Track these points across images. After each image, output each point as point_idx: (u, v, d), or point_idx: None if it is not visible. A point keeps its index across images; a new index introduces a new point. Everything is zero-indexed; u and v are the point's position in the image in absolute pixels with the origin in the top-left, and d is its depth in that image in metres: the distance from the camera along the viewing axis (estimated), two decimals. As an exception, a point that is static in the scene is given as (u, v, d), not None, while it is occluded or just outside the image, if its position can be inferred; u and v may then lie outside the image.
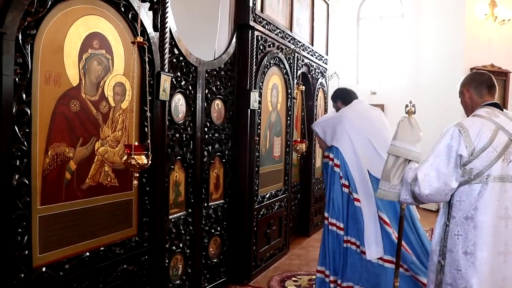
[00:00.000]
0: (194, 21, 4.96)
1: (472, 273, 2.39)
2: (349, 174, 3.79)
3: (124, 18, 2.87)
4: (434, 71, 8.96)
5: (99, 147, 2.74)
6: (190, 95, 3.65)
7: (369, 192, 3.74)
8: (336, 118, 4.04)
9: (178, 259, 3.63)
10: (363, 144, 3.84)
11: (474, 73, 2.83)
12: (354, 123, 3.91)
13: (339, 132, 3.91)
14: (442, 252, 2.52)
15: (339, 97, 4.23)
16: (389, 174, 2.75)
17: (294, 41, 5.57)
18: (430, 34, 9.17)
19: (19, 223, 2.28)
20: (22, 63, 2.23)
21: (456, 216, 2.47)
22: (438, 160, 2.43)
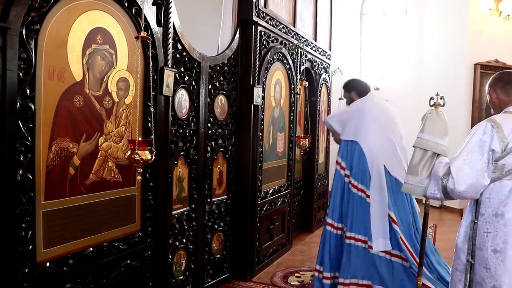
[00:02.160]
0: (197, 16, 4.95)
1: (501, 272, 2.35)
2: (364, 170, 3.73)
3: (128, 13, 2.86)
4: (438, 67, 8.92)
5: (102, 142, 2.74)
6: (194, 91, 3.65)
7: (383, 189, 3.72)
8: (356, 111, 3.91)
9: (181, 254, 3.64)
10: (383, 140, 3.81)
11: (501, 73, 2.76)
12: (377, 118, 3.86)
13: (360, 126, 3.81)
14: (471, 251, 2.48)
15: (355, 88, 4.10)
16: (417, 168, 2.66)
17: (298, 37, 5.55)
18: (433, 29, 9.12)
19: (23, 218, 2.28)
20: (26, 58, 2.23)
21: (485, 213, 2.44)
22: (471, 155, 2.40)
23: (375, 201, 3.69)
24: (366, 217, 3.71)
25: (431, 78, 9.01)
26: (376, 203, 3.69)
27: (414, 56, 9.54)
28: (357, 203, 3.76)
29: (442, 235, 6.52)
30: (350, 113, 3.98)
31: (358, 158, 3.77)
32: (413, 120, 9.18)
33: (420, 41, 9.43)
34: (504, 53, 8.31)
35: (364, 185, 3.74)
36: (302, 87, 5.53)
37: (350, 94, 4.08)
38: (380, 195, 3.70)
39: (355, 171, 3.78)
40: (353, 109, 3.98)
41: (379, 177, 3.73)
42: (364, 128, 3.80)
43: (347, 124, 3.90)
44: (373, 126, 3.81)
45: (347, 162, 3.82)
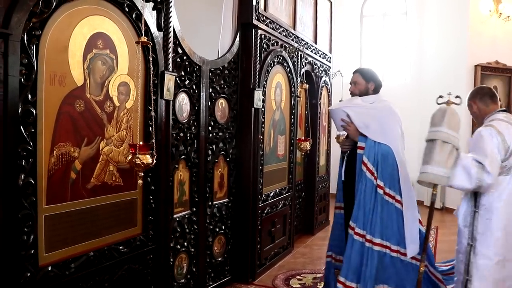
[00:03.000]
0: (197, 20, 4.98)
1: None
2: (396, 176, 3.44)
3: (128, 18, 2.88)
4: (438, 68, 8.94)
5: (104, 146, 2.75)
6: (194, 94, 3.66)
7: (413, 194, 3.53)
8: (386, 110, 3.60)
9: (183, 258, 3.64)
10: (403, 145, 3.64)
11: (477, 88, 3.46)
12: (400, 123, 3.63)
13: (389, 129, 3.51)
14: (471, 235, 3.08)
15: (375, 79, 3.70)
16: (441, 160, 2.98)
17: (298, 40, 5.57)
18: (433, 31, 9.14)
19: (25, 222, 2.29)
20: (27, 64, 2.24)
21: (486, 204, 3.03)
22: (493, 155, 2.92)
23: (408, 208, 3.46)
24: (400, 225, 3.45)
25: (432, 80, 9.03)
26: (410, 210, 3.46)
27: (415, 58, 9.56)
28: (393, 214, 3.45)
29: (444, 236, 6.52)
30: (377, 110, 3.59)
31: (391, 164, 3.44)
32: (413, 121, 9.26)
33: (420, 42, 9.45)
34: (504, 55, 8.33)
35: (398, 193, 3.45)
36: (303, 90, 5.55)
37: (368, 84, 3.67)
38: (411, 200, 3.49)
39: (390, 180, 3.44)
40: (375, 107, 3.62)
41: (408, 183, 3.50)
42: (395, 131, 3.54)
43: (373, 121, 3.51)
44: (399, 131, 3.59)
45: (377, 168, 3.43)
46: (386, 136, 3.48)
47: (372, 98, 3.67)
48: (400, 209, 3.45)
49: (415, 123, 9.24)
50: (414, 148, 9.30)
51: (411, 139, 9.22)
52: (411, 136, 9.30)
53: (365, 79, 3.67)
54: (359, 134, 3.54)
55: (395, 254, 3.45)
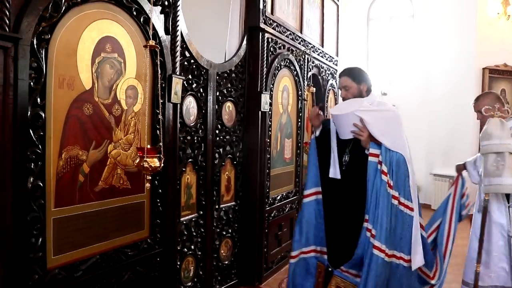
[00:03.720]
0: (204, 24, 4.98)
1: None
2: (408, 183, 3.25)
3: (136, 21, 2.89)
4: (446, 71, 8.90)
5: (111, 150, 2.76)
6: (201, 98, 3.67)
7: (417, 200, 3.36)
8: (390, 116, 3.35)
9: (190, 261, 3.65)
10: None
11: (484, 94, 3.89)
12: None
13: (399, 135, 3.28)
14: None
15: (366, 80, 3.44)
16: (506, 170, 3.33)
17: (305, 43, 5.57)
18: (441, 34, 9.11)
19: (34, 225, 2.31)
20: (36, 68, 2.26)
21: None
22: None
23: (415, 214, 3.29)
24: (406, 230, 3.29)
25: (439, 83, 9.00)
26: (417, 216, 3.30)
27: (422, 61, 9.52)
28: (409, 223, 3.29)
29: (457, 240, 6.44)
30: (385, 115, 3.36)
31: (404, 173, 3.24)
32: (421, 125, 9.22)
33: (427, 45, 9.41)
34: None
35: (411, 201, 3.27)
36: (310, 93, 5.54)
37: (360, 86, 3.39)
38: (417, 206, 3.31)
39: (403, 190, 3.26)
40: (385, 110, 3.40)
41: (415, 189, 3.34)
42: (404, 138, 3.30)
43: (386, 127, 3.26)
44: (406, 136, 3.34)
45: (392, 177, 3.22)
46: (396, 143, 3.25)
47: (370, 100, 3.39)
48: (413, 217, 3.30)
49: (422, 126, 9.23)
50: (421, 151, 9.31)
51: (419, 142, 9.24)
52: (419, 139, 9.32)
53: (356, 81, 3.36)
54: (369, 140, 3.25)
55: (407, 264, 3.28)
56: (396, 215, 3.24)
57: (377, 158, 3.22)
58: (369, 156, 3.26)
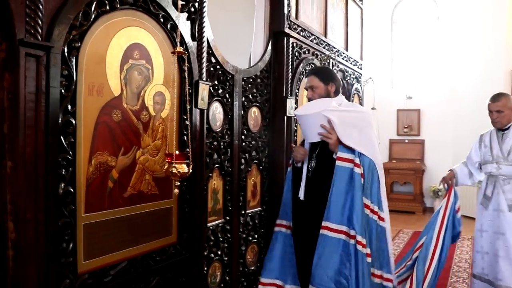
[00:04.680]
0: (228, 29, 5.00)
1: None
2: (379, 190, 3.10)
3: (163, 28, 2.92)
4: (473, 74, 8.76)
5: (140, 155, 2.79)
6: (227, 103, 3.68)
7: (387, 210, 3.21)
8: (360, 116, 3.19)
9: (216, 266, 3.65)
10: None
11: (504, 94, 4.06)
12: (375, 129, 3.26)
13: (368, 138, 3.12)
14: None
15: (334, 79, 3.27)
16: None
17: (329, 47, 5.54)
18: (468, 36, 8.97)
19: (65, 230, 2.34)
20: (67, 75, 2.30)
21: None
22: None
23: (387, 224, 3.15)
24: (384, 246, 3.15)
25: (466, 86, 8.86)
26: (388, 226, 3.15)
27: (448, 64, 9.39)
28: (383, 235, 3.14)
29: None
30: (354, 116, 3.17)
31: (377, 180, 3.09)
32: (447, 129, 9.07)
33: (454, 48, 9.28)
34: (542, 59, 8.12)
35: (381, 210, 3.12)
36: (335, 97, 5.50)
37: (328, 86, 3.24)
38: (388, 217, 3.17)
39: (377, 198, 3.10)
40: (354, 111, 3.23)
41: (385, 196, 3.18)
42: (374, 141, 3.16)
43: (354, 129, 3.10)
44: (376, 139, 3.22)
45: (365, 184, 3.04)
46: (366, 147, 3.07)
47: (338, 100, 3.24)
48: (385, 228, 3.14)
49: (449, 131, 9.09)
50: (448, 155, 9.16)
51: (444, 147, 9.10)
52: (444, 143, 9.18)
53: (323, 81, 3.23)
54: (337, 143, 3.08)
55: (378, 280, 3.12)
56: (370, 227, 3.04)
57: (349, 163, 3.02)
58: (337, 160, 3.06)
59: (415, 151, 9.59)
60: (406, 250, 6.08)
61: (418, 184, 9.24)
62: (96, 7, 2.44)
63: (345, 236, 3.01)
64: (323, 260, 3.02)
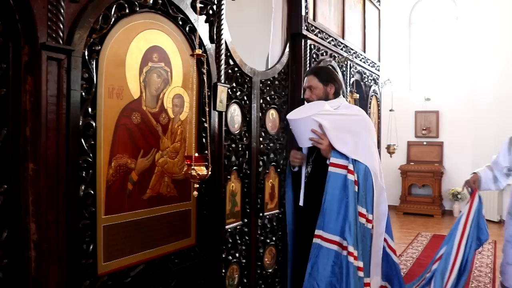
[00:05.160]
0: (246, 31, 5.00)
1: None
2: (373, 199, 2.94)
3: (182, 31, 2.93)
4: (494, 75, 8.63)
5: (159, 158, 2.80)
6: (246, 105, 3.68)
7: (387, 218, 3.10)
8: (355, 120, 3.04)
9: (234, 269, 3.64)
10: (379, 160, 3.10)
11: None
12: (374, 133, 3.13)
13: (365, 143, 2.97)
14: None
15: (334, 80, 3.14)
16: None
17: (347, 49, 5.51)
18: (488, 35, 8.84)
19: (85, 232, 2.35)
20: (87, 78, 2.32)
21: None
22: None
23: (377, 232, 3.00)
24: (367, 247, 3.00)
25: (486, 86, 8.73)
26: (378, 234, 2.99)
27: (467, 65, 9.27)
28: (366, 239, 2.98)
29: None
30: (349, 119, 3.01)
31: (371, 187, 2.93)
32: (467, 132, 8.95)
33: (473, 48, 9.16)
34: None
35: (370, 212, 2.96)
36: (353, 99, 5.47)
37: (327, 87, 3.11)
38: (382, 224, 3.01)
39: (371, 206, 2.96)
40: (350, 114, 3.06)
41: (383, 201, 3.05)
42: (371, 146, 3.01)
43: (348, 134, 2.95)
44: (374, 144, 3.07)
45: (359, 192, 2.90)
46: (362, 153, 2.93)
47: (335, 103, 3.10)
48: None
49: (468, 132, 8.97)
50: (467, 158, 9.04)
51: (464, 150, 8.98)
52: (464, 146, 9.06)
53: (322, 81, 3.08)
54: (329, 149, 2.96)
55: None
56: (365, 237, 2.91)
57: (342, 169, 2.89)
58: (330, 166, 2.94)
59: (433, 153, 9.48)
60: (425, 253, 6.01)
61: (437, 187, 9.14)
62: (115, 11, 2.46)
63: (338, 247, 2.92)
64: (315, 270, 2.97)
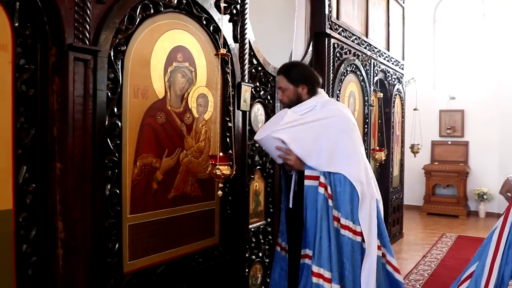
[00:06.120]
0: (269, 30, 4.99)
1: None
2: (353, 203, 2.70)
3: (206, 31, 2.94)
4: (521, 73, 8.44)
5: (183, 157, 2.81)
6: (269, 105, 3.67)
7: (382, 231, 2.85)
8: (327, 122, 2.73)
9: (257, 268, 3.64)
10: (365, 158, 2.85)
11: None
12: (355, 128, 2.85)
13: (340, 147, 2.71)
14: None
15: (307, 80, 2.83)
16: None
17: (370, 47, 5.45)
18: (516, 31, 8.63)
19: (111, 231, 2.38)
20: (113, 78, 2.34)
21: None
22: None
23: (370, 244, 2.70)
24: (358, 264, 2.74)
25: (514, 85, 8.54)
26: (370, 247, 2.70)
27: (494, 62, 9.06)
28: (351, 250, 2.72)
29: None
30: (319, 123, 2.72)
31: (348, 193, 2.69)
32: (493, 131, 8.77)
33: (500, 45, 8.94)
34: None
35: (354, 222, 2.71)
36: (376, 98, 5.41)
37: (298, 88, 2.81)
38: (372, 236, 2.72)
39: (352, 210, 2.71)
40: (321, 116, 2.75)
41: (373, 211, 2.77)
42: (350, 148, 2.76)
43: (316, 143, 2.70)
44: (360, 142, 2.85)
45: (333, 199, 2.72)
46: (338, 160, 2.69)
47: (308, 105, 2.81)
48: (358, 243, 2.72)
49: (495, 131, 8.78)
50: (494, 159, 8.86)
51: (490, 150, 8.81)
52: (490, 146, 8.88)
53: (293, 82, 2.76)
54: (300, 165, 2.75)
55: None
56: (354, 251, 2.70)
57: (314, 180, 2.71)
58: (305, 179, 2.73)
59: (458, 153, 9.31)
60: (449, 255, 5.92)
61: (462, 187, 8.97)
62: (140, 11, 2.47)
63: None
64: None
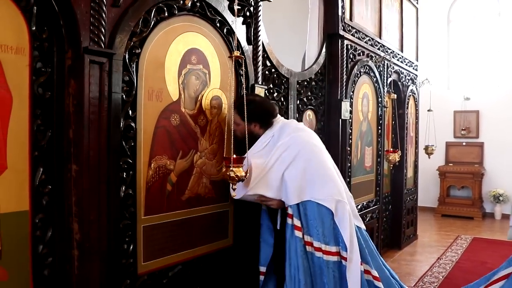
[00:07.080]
0: (282, 32, 5.00)
1: None
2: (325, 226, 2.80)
3: (220, 33, 2.95)
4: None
5: (197, 159, 2.82)
6: (282, 107, 3.67)
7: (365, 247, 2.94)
8: (288, 154, 2.84)
9: (271, 270, 3.63)
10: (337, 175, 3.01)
11: None
12: (317, 143, 3.04)
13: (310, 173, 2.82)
14: None
15: (258, 116, 2.92)
16: None
17: (384, 48, 5.42)
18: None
19: (126, 232, 2.39)
20: (128, 81, 2.35)
21: None
22: None
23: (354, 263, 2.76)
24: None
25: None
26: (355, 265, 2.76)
27: (510, 62, 8.96)
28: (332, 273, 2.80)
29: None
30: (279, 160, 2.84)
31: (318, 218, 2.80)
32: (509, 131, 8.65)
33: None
34: None
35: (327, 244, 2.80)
36: (390, 99, 5.38)
37: (250, 126, 2.89)
38: (356, 254, 2.78)
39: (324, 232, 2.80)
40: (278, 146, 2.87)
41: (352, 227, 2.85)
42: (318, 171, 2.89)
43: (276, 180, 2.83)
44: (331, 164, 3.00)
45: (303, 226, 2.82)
46: (305, 188, 2.80)
47: (266, 137, 2.96)
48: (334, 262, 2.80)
49: (510, 133, 8.68)
50: (510, 160, 8.75)
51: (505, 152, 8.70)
52: (506, 148, 8.76)
53: (245, 120, 2.62)
54: (280, 204, 2.89)
55: None
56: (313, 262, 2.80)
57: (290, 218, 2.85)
58: (288, 218, 2.87)
59: (473, 154, 9.22)
60: (465, 257, 5.86)
61: (477, 189, 8.88)
62: (155, 14, 2.49)
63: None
64: None
